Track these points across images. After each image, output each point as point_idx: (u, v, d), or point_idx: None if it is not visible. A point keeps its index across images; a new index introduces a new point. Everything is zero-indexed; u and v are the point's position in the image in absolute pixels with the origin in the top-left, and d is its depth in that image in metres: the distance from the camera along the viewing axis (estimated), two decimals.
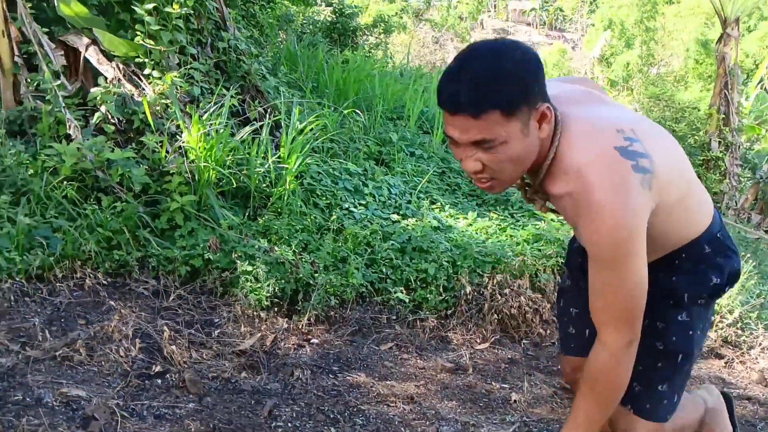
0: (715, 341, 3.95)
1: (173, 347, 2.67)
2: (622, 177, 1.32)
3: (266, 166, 3.78)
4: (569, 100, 1.45)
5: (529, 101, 1.30)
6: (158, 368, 2.56)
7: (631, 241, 1.34)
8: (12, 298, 2.80)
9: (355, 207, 4.10)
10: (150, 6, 3.71)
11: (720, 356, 3.90)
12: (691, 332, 1.60)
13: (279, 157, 3.86)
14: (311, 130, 4.19)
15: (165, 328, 2.73)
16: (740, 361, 3.87)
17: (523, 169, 1.40)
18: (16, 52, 3.79)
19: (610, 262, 1.36)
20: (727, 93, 8.32)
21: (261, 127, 3.97)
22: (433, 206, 4.50)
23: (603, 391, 1.46)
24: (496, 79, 1.26)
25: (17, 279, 2.90)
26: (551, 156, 1.39)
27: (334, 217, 3.84)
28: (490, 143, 1.31)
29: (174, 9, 3.77)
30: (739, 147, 8.68)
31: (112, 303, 2.96)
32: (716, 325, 3.97)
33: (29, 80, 3.80)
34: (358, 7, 10.26)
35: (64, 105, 3.54)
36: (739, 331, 4.04)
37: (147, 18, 3.70)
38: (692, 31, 31.61)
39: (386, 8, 29.15)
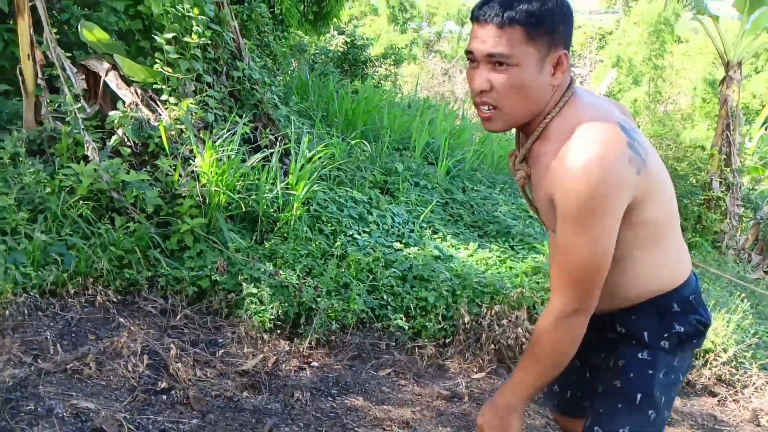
0: (709, 379, 4.00)
1: (179, 365, 2.76)
2: (615, 142, 1.33)
3: (275, 192, 3.90)
4: (590, 93, 1.51)
5: (553, 38, 1.34)
6: (164, 384, 2.65)
7: (603, 202, 1.31)
8: (26, 311, 2.91)
9: (359, 234, 4.21)
10: (169, 35, 3.87)
11: (713, 394, 3.95)
12: (651, 371, 1.52)
13: (287, 183, 3.99)
14: (319, 158, 4.33)
15: (172, 346, 2.83)
16: (733, 400, 3.92)
17: (526, 108, 1.39)
18: (39, 75, 3.95)
19: (578, 217, 1.33)
20: (729, 134, 8.45)
21: (271, 154, 4.10)
22: (435, 236, 4.60)
23: (540, 354, 1.45)
24: (533, 1, 1.31)
25: (31, 293, 3.01)
26: (552, 114, 1.41)
27: (339, 243, 3.94)
28: (505, 59, 1.32)
29: (192, 39, 3.94)
30: (740, 187, 8.78)
31: (121, 320, 3.06)
32: (710, 363, 4.02)
33: (50, 102, 3.96)
34: (369, 38, 10.50)
35: (83, 127, 3.68)
36: (734, 370, 4.08)
37: (166, 47, 3.86)
38: (700, 70, 31.99)
39: (397, 38, 29.64)
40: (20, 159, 3.60)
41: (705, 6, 8.24)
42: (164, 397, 2.62)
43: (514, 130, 1.54)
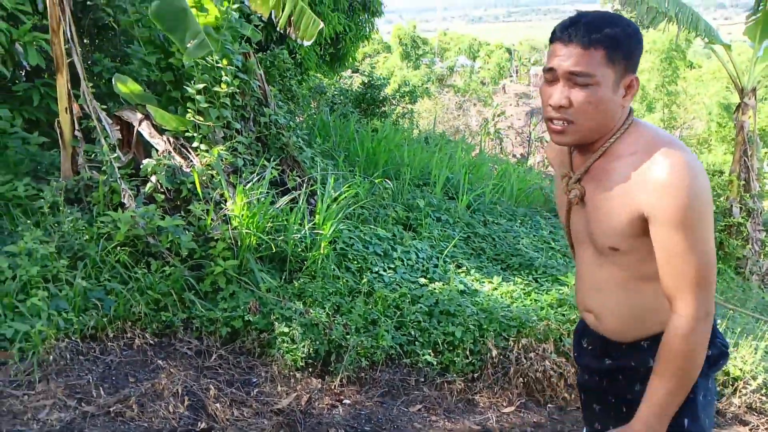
0: (739, 407, 3.99)
1: (217, 405, 2.85)
2: (692, 154, 1.43)
3: (303, 233, 4.02)
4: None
5: (629, 62, 1.44)
6: (203, 425, 2.73)
7: (706, 204, 1.40)
8: (68, 356, 3.02)
9: (385, 271, 4.30)
10: (200, 86, 4.05)
11: (744, 423, 3.93)
12: (692, 396, 1.55)
13: (314, 223, 4.11)
14: (344, 198, 4.45)
15: (210, 386, 2.92)
16: (765, 429, 3.90)
17: (598, 125, 1.48)
18: (76, 127, 4.14)
19: (687, 219, 1.39)
20: (746, 159, 8.49)
21: (298, 195, 4.23)
22: (459, 270, 4.68)
23: (686, 363, 1.45)
24: (611, 25, 1.42)
25: (73, 338, 3.12)
26: (617, 135, 1.50)
27: (365, 280, 4.04)
28: (586, 78, 1.42)
29: (222, 88, 4.12)
30: (760, 212, 8.77)
31: (159, 362, 3.16)
32: (740, 391, 4.01)
33: (86, 152, 4.14)
34: (386, 78, 10.75)
35: (119, 175, 3.84)
36: (764, 398, 4.07)
37: (197, 96, 4.04)
38: (714, 94, 31.98)
39: (410, 75, 30.12)
40: (59, 208, 3.76)
41: (716, 35, 8.36)
42: None
43: (561, 151, 1.67)
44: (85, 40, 5.34)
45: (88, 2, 5.11)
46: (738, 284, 7.70)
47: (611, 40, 1.42)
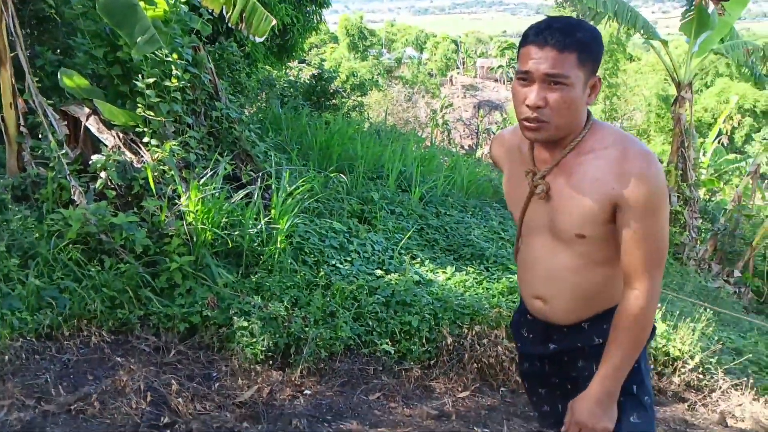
0: (679, 386, 4.23)
1: (179, 400, 2.86)
2: (652, 152, 1.63)
3: (259, 227, 4.03)
4: None
5: (594, 64, 1.57)
6: (166, 420, 2.75)
7: (665, 191, 1.61)
8: (23, 356, 2.98)
9: (342, 263, 4.35)
10: (150, 80, 4.00)
11: (683, 400, 4.17)
12: (636, 366, 1.72)
13: (270, 218, 4.13)
14: (299, 192, 4.48)
15: (172, 381, 2.92)
16: (702, 404, 4.15)
17: (569, 123, 1.60)
18: (22, 122, 4.04)
19: (652, 208, 1.57)
20: (683, 151, 8.89)
21: (253, 190, 4.24)
22: (414, 261, 4.78)
23: (639, 332, 1.62)
24: (582, 30, 1.54)
25: (28, 337, 3.07)
26: (584, 133, 1.64)
27: (322, 273, 4.08)
28: (562, 79, 1.53)
29: (173, 82, 4.08)
30: (697, 201, 9.22)
31: (117, 359, 3.14)
32: (679, 370, 4.25)
33: (33, 148, 4.04)
34: (335, 70, 10.75)
35: (68, 172, 3.77)
36: (701, 376, 4.31)
37: (147, 91, 3.99)
38: (653, 86, 33.14)
39: (358, 66, 30.11)
40: (7, 206, 3.67)
41: (654, 32, 8.70)
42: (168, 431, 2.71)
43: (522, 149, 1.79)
44: (25, 32, 5.18)
45: None
46: (676, 269, 8.08)
47: (582, 44, 1.53)
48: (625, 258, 1.63)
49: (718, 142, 15.59)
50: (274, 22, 4.71)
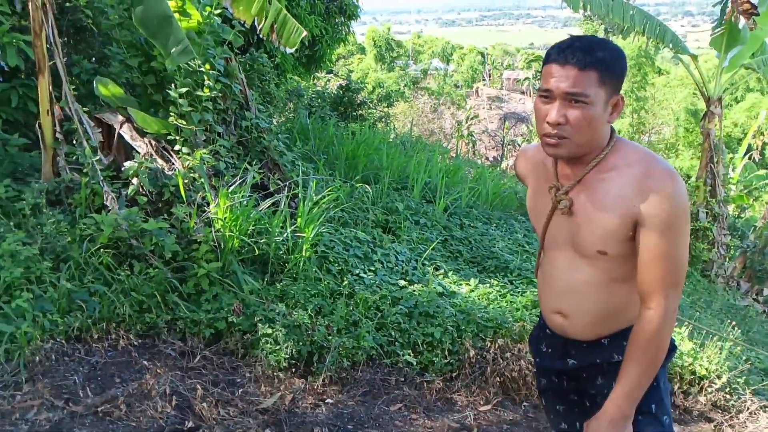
0: (705, 405, 4.16)
1: (203, 404, 2.90)
2: (676, 171, 1.64)
3: (285, 235, 4.08)
4: None
5: (616, 83, 1.59)
6: (190, 424, 2.79)
7: (687, 211, 1.60)
8: (53, 357, 3.05)
9: (365, 273, 4.38)
10: (183, 90, 4.09)
11: (710, 420, 4.10)
12: (655, 384, 1.74)
13: (296, 226, 4.17)
14: (325, 201, 4.52)
15: (197, 386, 2.97)
16: (729, 425, 4.07)
17: (590, 140, 1.62)
18: (58, 129, 4.15)
19: (673, 227, 1.57)
20: (712, 166, 8.77)
21: (280, 199, 4.29)
22: (438, 273, 4.78)
23: (655, 352, 1.62)
24: (604, 49, 1.57)
25: (58, 339, 3.14)
26: (607, 150, 1.66)
27: (346, 282, 4.11)
28: (582, 98, 1.56)
29: (205, 92, 4.16)
30: (726, 217, 9.07)
31: (144, 363, 3.20)
32: (705, 390, 4.18)
33: (68, 154, 4.14)
34: (362, 81, 10.84)
35: (101, 178, 3.86)
36: (728, 396, 4.24)
37: (180, 100, 4.08)
38: (681, 100, 32.78)
39: (384, 76, 30.30)
40: (41, 210, 3.76)
41: (683, 46, 8.62)
42: None
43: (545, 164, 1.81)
44: (63, 41, 5.33)
45: (67, 4, 5.10)
46: (704, 286, 7.96)
47: (603, 63, 1.56)
48: (641, 276, 1.63)
49: (749, 158, 15.32)
50: (305, 33, 4.79)
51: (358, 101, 9.75)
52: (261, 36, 4.67)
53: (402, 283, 4.40)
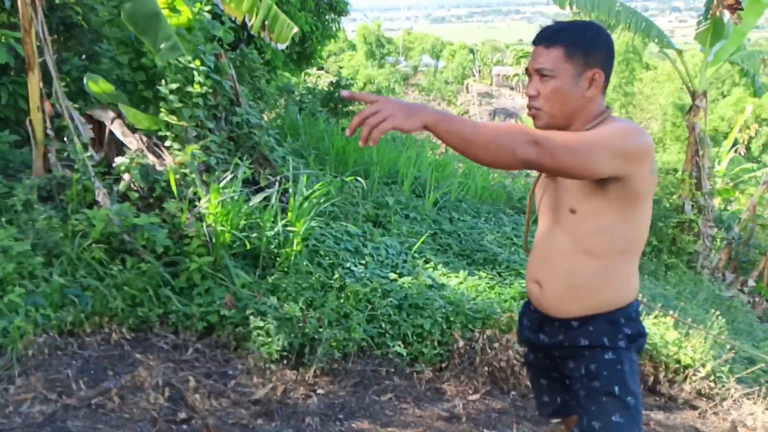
0: (690, 393, 4.24)
1: (196, 396, 2.94)
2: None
3: (276, 230, 4.12)
4: None
5: (588, 60, 1.72)
6: (183, 415, 2.83)
7: (633, 136, 1.66)
8: (46, 351, 3.08)
9: (356, 266, 4.43)
10: (173, 86, 4.12)
11: (694, 407, 4.19)
12: (619, 367, 1.80)
13: (287, 221, 4.22)
14: (316, 196, 4.57)
15: (190, 378, 3.01)
16: (714, 413, 4.16)
17: (561, 111, 1.76)
18: (48, 126, 4.17)
19: (612, 129, 1.68)
20: (698, 159, 8.88)
21: (271, 193, 4.33)
22: (427, 265, 4.84)
23: (490, 134, 1.51)
24: (574, 29, 1.74)
25: (51, 334, 3.17)
26: (597, 121, 1.76)
27: (337, 275, 4.16)
28: (547, 72, 1.72)
29: (195, 88, 4.19)
30: (711, 209, 9.19)
31: (137, 356, 3.24)
32: (690, 378, 4.27)
33: (59, 150, 4.16)
34: (353, 77, 10.88)
35: (93, 173, 3.89)
36: (713, 384, 4.32)
37: (170, 96, 4.11)
38: (669, 95, 32.99)
39: (375, 73, 30.31)
40: (33, 206, 3.79)
41: (668, 41, 8.71)
42: (185, 426, 2.79)
43: None
44: (53, 38, 5.33)
45: (56, 0, 5.11)
46: (690, 278, 8.06)
47: (568, 40, 1.73)
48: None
49: (735, 152, 15.50)
50: (296, 29, 4.82)
51: None
52: (252, 32, 4.70)
53: (392, 275, 4.45)
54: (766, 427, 4.05)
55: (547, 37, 1.74)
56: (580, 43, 1.72)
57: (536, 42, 1.77)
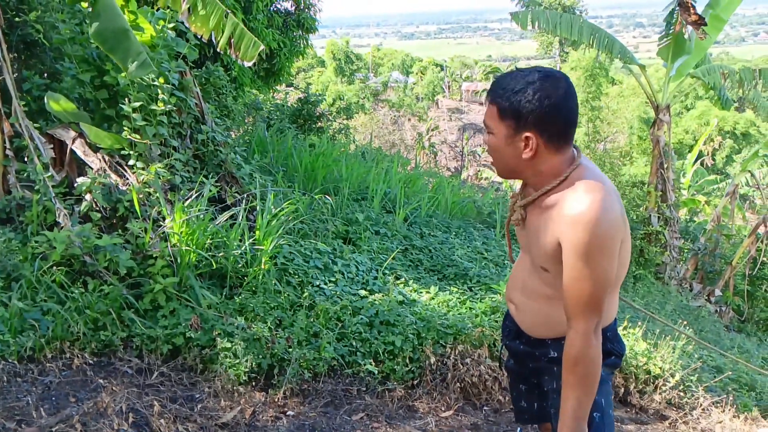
0: (660, 403, 4.28)
1: (161, 421, 2.86)
2: (611, 200, 1.66)
3: (243, 248, 4.06)
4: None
5: (520, 123, 1.66)
6: None
7: (605, 238, 1.61)
8: (5, 378, 2.97)
9: (326, 284, 4.39)
10: (137, 104, 4.05)
11: (664, 417, 4.22)
12: (597, 396, 1.79)
13: (255, 239, 4.16)
14: (284, 213, 4.52)
15: (154, 403, 2.93)
16: (683, 422, 4.19)
17: (503, 166, 1.78)
18: (8, 146, 4.07)
19: (589, 252, 1.61)
20: (663, 172, 9.05)
21: (237, 212, 4.28)
22: (398, 281, 4.82)
23: (583, 372, 1.68)
24: (513, 90, 1.67)
25: (10, 360, 3.07)
26: (560, 179, 1.71)
27: (306, 294, 4.11)
28: (488, 128, 1.75)
29: (159, 106, 4.13)
30: (677, 221, 9.36)
31: (100, 381, 3.14)
32: (660, 388, 4.30)
33: (18, 171, 4.06)
34: (322, 94, 10.88)
35: (53, 194, 3.79)
36: (682, 394, 4.37)
37: (134, 115, 4.04)
38: (634, 109, 33.66)
39: (345, 89, 30.39)
40: None
41: (631, 56, 8.90)
42: None
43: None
44: (12, 56, 5.22)
45: (16, 19, 5.01)
46: (658, 288, 8.18)
47: (502, 101, 1.69)
48: (564, 296, 1.70)
49: (700, 164, 15.85)
50: (263, 47, 4.79)
51: (318, 113, 9.78)
52: (219, 50, 4.66)
53: (363, 292, 4.42)
54: None
55: (490, 91, 1.73)
56: (511, 104, 1.66)
57: (486, 96, 1.78)
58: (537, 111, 1.64)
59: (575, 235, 1.62)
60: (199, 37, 4.89)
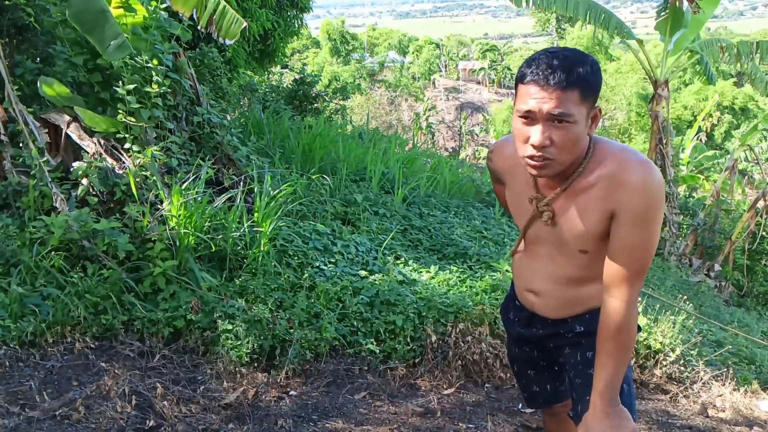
0: (660, 378, 4.30)
1: (164, 403, 2.87)
2: (652, 163, 1.63)
3: (242, 231, 4.05)
4: None
5: (595, 97, 1.56)
6: (152, 423, 2.76)
7: (662, 203, 1.58)
8: (7, 363, 2.98)
9: (326, 265, 4.38)
10: (131, 87, 4.01)
11: (665, 391, 4.24)
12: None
13: (253, 221, 4.15)
14: (282, 195, 4.50)
15: (157, 385, 2.93)
16: (684, 396, 4.22)
17: (574, 157, 1.60)
18: (2, 131, 4.03)
19: (646, 217, 1.57)
20: (661, 147, 9.02)
21: (235, 194, 4.26)
22: (398, 261, 4.81)
23: (625, 339, 1.63)
24: (582, 64, 1.52)
25: (11, 345, 3.07)
26: (588, 157, 1.64)
27: (306, 275, 4.11)
28: (567, 118, 1.51)
29: (153, 88, 4.09)
30: (677, 197, 9.35)
31: (102, 365, 3.14)
32: (660, 363, 4.31)
33: (14, 156, 4.03)
34: (317, 74, 10.79)
35: (50, 179, 3.76)
36: (682, 368, 4.38)
37: (128, 97, 4.00)
38: (633, 85, 33.52)
39: (341, 70, 30.16)
40: None
41: (629, 32, 8.82)
42: None
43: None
44: (4, 41, 5.16)
45: (6, 2, 4.94)
46: (658, 264, 8.19)
47: (583, 80, 1.52)
48: (609, 264, 1.64)
49: (698, 139, 15.80)
50: (245, 24, 4.72)
51: (314, 94, 9.71)
52: (200, 28, 4.59)
53: (363, 273, 4.42)
54: (735, 408, 4.12)
55: (563, 77, 1.50)
56: (591, 83, 1.54)
57: (546, 82, 1.51)
58: (600, 84, 1.59)
59: (638, 203, 1.57)
60: (191, 17, 4.83)
